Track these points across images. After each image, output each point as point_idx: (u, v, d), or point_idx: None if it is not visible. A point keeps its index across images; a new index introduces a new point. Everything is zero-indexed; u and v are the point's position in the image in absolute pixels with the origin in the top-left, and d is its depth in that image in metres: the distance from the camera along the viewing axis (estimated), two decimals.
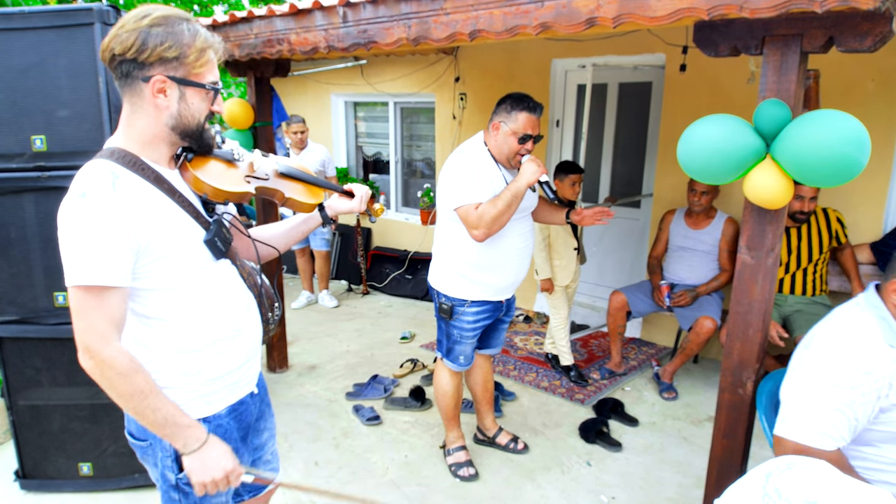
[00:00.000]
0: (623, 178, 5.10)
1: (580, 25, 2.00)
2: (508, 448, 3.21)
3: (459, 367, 2.90)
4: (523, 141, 2.58)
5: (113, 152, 1.31)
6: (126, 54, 1.28)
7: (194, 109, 1.36)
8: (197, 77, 1.34)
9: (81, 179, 1.25)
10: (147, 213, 1.28)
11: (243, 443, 1.58)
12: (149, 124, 1.34)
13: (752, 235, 1.99)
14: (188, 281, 1.37)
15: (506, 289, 2.79)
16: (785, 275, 3.57)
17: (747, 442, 2.17)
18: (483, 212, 2.50)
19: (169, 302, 1.37)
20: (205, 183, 1.42)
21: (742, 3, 1.70)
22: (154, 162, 1.36)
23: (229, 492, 1.56)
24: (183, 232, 1.36)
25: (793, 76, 1.81)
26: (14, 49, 2.43)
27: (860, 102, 3.52)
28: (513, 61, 5.09)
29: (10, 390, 2.74)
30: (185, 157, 1.43)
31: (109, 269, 1.23)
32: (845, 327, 1.66)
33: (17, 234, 2.56)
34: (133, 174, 1.30)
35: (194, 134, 1.39)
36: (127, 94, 1.34)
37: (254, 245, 1.65)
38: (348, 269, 6.36)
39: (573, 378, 3.98)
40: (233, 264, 1.50)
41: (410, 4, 2.44)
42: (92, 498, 2.83)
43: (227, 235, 1.46)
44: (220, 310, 1.45)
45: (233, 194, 1.47)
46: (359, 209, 1.80)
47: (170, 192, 1.35)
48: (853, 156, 1.67)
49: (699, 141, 1.87)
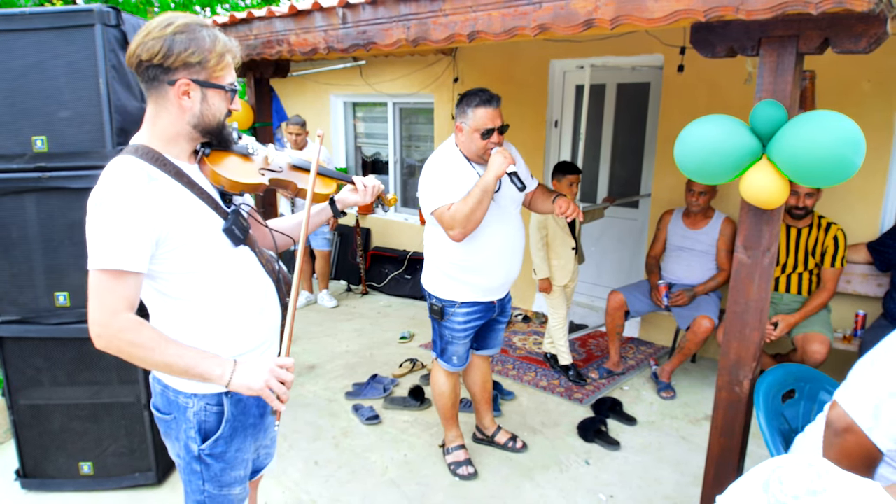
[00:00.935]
0: (621, 178, 5.12)
1: (578, 27, 2.01)
2: (507, 447, 3.22)
3: (453, 368, 2.90)
4: (486, 136, 2.57)
5: (137, 149, 1.42)
6: (153, 60, 1.38)
7: (215, 109, 1.48)
8: (217, 79, 1.46)
9: (108, 173, 1.36)
10: (168, 205, 1.39)
11: (261, 419, 1.68)
12: (172, 123, 1.45)
13: (748, 235, 2.00)
14: (209, 265, 1.47)
15: (495, 289, 2.77)
16: (781, 274, 3.59)
17: (744, 440, 2.19)
18: (455, 211, 2.51)
19: (192, 284, 1.47)
20: (222, 176, 1.53)
21: (738, 5, 1.71)
22: (175, 157, 1.47)
23: (247, 470, 1.68)
24: (202, 221, 1.46)
25: (789, 77, 1.83)
26: (15, 50, 2.44)
27: (856, 103, 3.54)
28: (511, 62, 5.11)
29: (11, 390, 2.75)
30: (203, 153, 1.54)
31: (129, 256, 1.32)
32: None
33: (18, 235, 2.57)
34: (156, 169, 1.40)
35: (214, 131, 1.51)
36: (152, 96, 1.44)
37: (271, 234, 1.76)
38: (347, 269, 6.37)
39: (572, 377, 3.99)
40: (252, 251, 1.59)
41: (409, 6, 2.45)
42: (92, 497, 2.84)
43: (244, 224, 1.56)
44: (241, 292, 1.54)
45: (248, 185, 1.58)
46: (364, 200, 1.88)
47: (189, 185, 1.46)
48: (848, 156, 1.68)
49: (696, 141, 1.89)
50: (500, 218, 2.67)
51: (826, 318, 3.46)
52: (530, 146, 5.09)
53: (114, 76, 2.47)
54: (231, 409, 1.57)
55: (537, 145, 5.11)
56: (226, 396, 1.55)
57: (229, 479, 1.61)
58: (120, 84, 2.51)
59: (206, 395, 1.54)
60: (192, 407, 1.54)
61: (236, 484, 1.64)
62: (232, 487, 1.64)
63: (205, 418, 1.55)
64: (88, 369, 2.72)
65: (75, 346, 2.69)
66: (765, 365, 3.42)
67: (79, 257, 2.57)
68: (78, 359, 2.71)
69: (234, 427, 1.58)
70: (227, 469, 1.59)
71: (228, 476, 1.60)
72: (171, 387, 1.56)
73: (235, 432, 1.59)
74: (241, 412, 1.59)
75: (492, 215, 2.62)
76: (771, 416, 2.05)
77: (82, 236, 1.37)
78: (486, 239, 2.65)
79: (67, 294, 2.61)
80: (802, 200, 3.38)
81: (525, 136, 5.10)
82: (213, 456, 1.56)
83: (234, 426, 1.58)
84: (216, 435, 1.56)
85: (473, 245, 2.64)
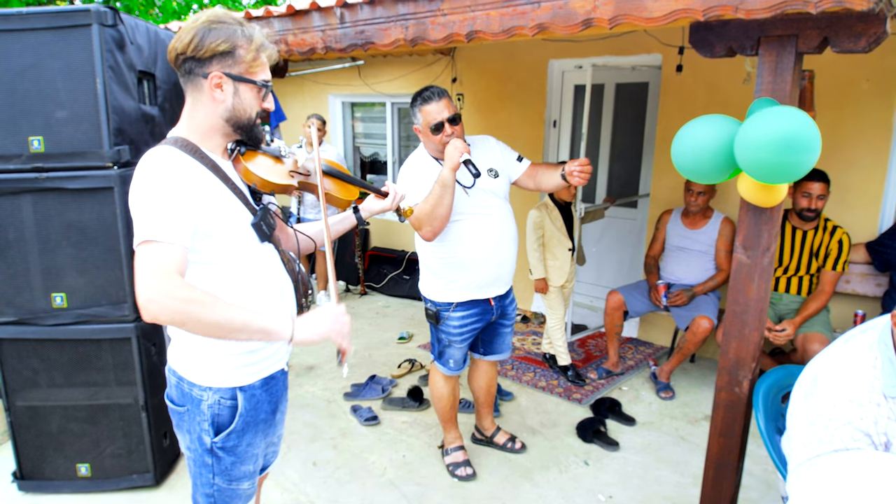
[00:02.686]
0: (620, 178, 5.12)
1: (577, 26, 2.01)
2: (506, 447, 3.21)
3: (450, 372, 2.88)
4: (437, 130, 2.55)
5: (177, 140, 1.46)
6: (186, 52, 1.42)
7: (247, 104, 1.51)
8: (251, 75, 1.49)
9: (150, 159, 1.39)
10: (204, 194, 1.42)
11: (273, 415, 1.70)
12: (206, 116, 1.49)
13: (748, 235, 2.00)
14: (236, 258, 1.51)
15: (487, 285, 2.72)
16: (783, 275, 3.58)
17: (744, 440, 2.18)
18: (419, 211, 2.49)
19: (217, 276, 1.48)
20: (254, 174, 1.58)
21: (737, 4, 1.71)
22: (210, 151, 1.51)
23: (256, 465, 1.69)
24: (233, 213, 1.50)
25: (788, 77, 1.83)
26: (12, 50, 2.42)
27: (855, 103, 3.54)
28: (510, 62, 5.10)
29: (8, 391, 2.74)
30: (238, 151, 1.59)
31: (175, 230, 1.34)
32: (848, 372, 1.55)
33: (15, 236, 2.56)
34: (193, 160, 1.44)
35: (245, 127, 1.54)
36: (189, 90, 1.49)
37: (295, 236, 1.81)
38: (346, 269, 6.36)
39: (570, 378, 3.99)
40: (276, 249, 1.63)
41: (408, 5, 2.45)
42: (90, 499, 2.83)
43: (272, 221, 1.61)
44: (262, 287, 1.57)
45: (278, 186, 1.63)
46: (391, 207, 1.92)
47: (224, 179, 1.50)
48: (788, 160, 1.69)
49: (691, 141, 1.89)
50: (476, 210, 2.63)
51: (826, 318, 3.46)
52: (529, 146, 5.09)
53: (111, 76, 2.46)
54: (245, 403, 1.59)
55: (536, 145, 5.11)
56: (240, 391, 1.57)
57: (239, 474, 1.63)
58: (117, 84, 2.50)
59: (221, 388, 1.56)
60: (206, 400, 1.55)
61: (245, 479, 1.66)
62: (241, 482, 1.65)
63: (218, 412, 1.56)
64: (86, 371, 2.71)
65: (72, 348, 2.68)
66: (765, 365, 3.42)
67: (76, 258, 2.57)
68: (75, 360, 2.70)
69: (247, 422, 1.60)
70: (237, 463, 1.61)
71: (238, 470, 1.62)
72: (185, 379, 1.57)
73: (248, 427, 1.61)
74: (253, 407, 1.61)
75: (464, 208, 2.59)
76: (770, 417, 2.05)
77: (79, 237, 1.37)
78: (462, 233, 2.62)
79: (64, 295, 2.60)
80: (815, 203, 3.36)
81: (524, 135, 5.10)
82: (224, 449, 1.58)
83: (247, 420, 1.60)
84: (229, 429, 1.57)
85: (449, 241, 2.63)
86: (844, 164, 3.60)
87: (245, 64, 1.47)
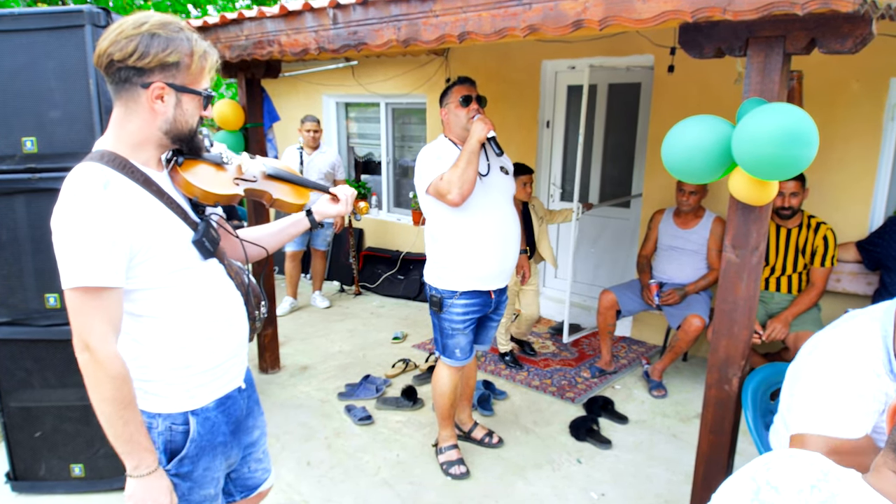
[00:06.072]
0: (613, 178, 5.14)
1: (567, 27, 2.03)
2: (484, 442, 3.25)
3: (457, 362, 2.91)
4: (466, 102, 2.73)
5: (103, 155, 1.33)
6: (126, 61, 1.30)
7: (188, 115, 1.40)
8: (193, 84, 1.39)
9: (72, 183, 1.27)
10: (137, 215, 1.31)
11: (233, 437, 1.61)
12: (141, 127, 1.37)
13: (736, 234, 2.02)
14: (177, 280, 1.40)
15: (491, 278, 2.81)
16: (770, 276, 3.61)
17: (734, 437, 2.20)
18: (448, 175, 2.60)
19: (159, 300, 1.39)
20: (195, 186, 1.45)
21: (725, 6, 1.73)
22: (143, 164, 1.38)
23: (217, 488, 1.60)
24: (171, 233, 1.39)
25: (776, 77, 1.85)
26: (4, 51, 2.43)
27: (845, 103, 3.57)
28: (503, 62, 5.12)
29: (1, 392, 2.74)
30: (175, 161, 1.46)
31: (106, 270, 1.25)
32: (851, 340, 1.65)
33: (8, 236, 2.56)
34: (123, 176, 1.32)
35: (186, 138, 1.43)
36: (122, 98, 1.36)
37: (242, 245, 1.69)
38: (340, 269, 6.36)
39: (508, 362, 4.22)
40: (220, 263, 1.53)
41: (400, 6, 2.46)
42: (84, 499, 2.83)
43: (214, 236, 1.49)
44: (209, 307, 1.48)
45: (222, 196, 1.50)
46: (345, 212, 1.84)
47: (158, 194, 1.38)
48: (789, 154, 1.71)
49: (681, 141, 1.91)
50: (490, 203, 2.74)
51: (817, 316, 3.49)
52: (523, 147, 5.11)
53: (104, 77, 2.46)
54: (198, 428, 1.50)
55: (529, 146, 5.12)
56: (192, 415, 1.49)
57: (198, 498, 1.55)
58: None
59: (172, 413, 1.47)
60: (156, 427, 1.47)
61: (206, 502, 1.58)
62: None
63: (170, 438, 1.48)
64: (79, 371, 2.70)
65: (66, 348, 2.65)
66: (756, 364, 3.44)
67: None
68: (68, 360, 2.67)
69: (201, 446, 1.51)
70: (194, 488, 1.52)
71: (197, 495, 1.54)
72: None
73: (203, 451, 1.52)
74: (208, 431, 1.52)
75: (481, 199, 2.70)
76: (759, 414, 2.07)
77: None
78: (478, 222, 2.72)
79: (58, 296, 2.60)
80: (788, 200, 3.40)
81: (517, 136, 5.12)
82: (179, 476, 1.48)
83: (201, 445, 1.51)
84: (181, 454, 1.49)
85: (469, 230, 2.71)
86: (834, 164, 3.63)
87: (189, 74, 1.36)
